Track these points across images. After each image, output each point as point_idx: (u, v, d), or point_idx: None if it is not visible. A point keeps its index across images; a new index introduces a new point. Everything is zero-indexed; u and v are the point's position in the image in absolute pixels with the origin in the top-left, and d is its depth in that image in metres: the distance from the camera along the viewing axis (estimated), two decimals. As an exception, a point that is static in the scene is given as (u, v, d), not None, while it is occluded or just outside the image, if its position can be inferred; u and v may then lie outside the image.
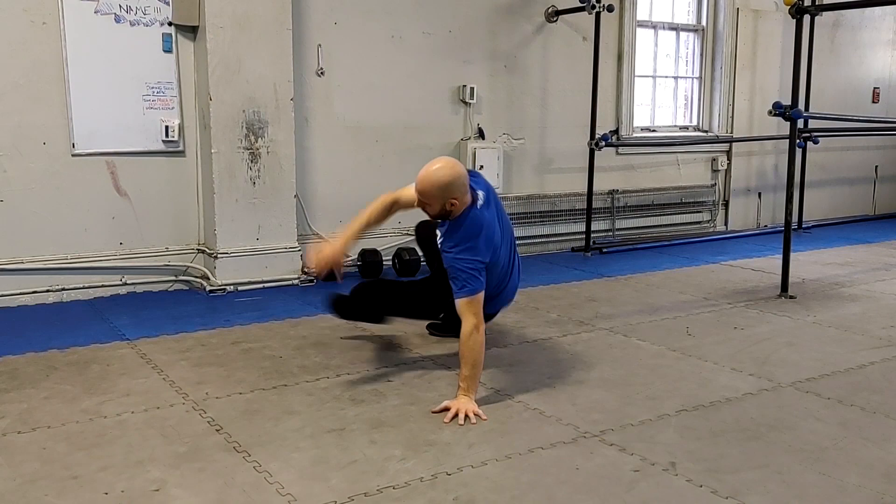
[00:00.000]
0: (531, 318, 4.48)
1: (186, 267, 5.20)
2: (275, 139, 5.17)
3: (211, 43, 4.89)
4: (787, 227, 5.17)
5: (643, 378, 3.49)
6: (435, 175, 3.13)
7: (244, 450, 2.72)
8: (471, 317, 3.11)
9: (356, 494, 2.40)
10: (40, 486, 2.45)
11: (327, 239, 3.17)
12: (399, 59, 5.81)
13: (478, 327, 3.11)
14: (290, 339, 4.05)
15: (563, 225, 6.75)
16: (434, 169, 3.14)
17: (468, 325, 3.11)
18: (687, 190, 7.50)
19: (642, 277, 5.62)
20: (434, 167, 3.15)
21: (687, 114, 7.73)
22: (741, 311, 4.67)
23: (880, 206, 9.14)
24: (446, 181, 3.11)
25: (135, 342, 3.97)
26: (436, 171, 3.14)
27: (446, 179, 3.11)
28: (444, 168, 3.14)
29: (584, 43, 6.60)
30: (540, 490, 2.45)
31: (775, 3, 7.73)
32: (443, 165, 3.15)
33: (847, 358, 3.80)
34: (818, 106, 7.40)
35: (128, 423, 2.94)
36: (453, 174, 3.14)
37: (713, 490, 2.46)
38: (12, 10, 4.53)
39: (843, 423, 2.99)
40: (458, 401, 3.07)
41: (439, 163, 3.17)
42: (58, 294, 4.80)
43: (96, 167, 4.87)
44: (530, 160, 6.59)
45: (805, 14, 5.05)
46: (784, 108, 5.00)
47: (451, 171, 3.14)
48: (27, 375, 3.46)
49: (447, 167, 3.15)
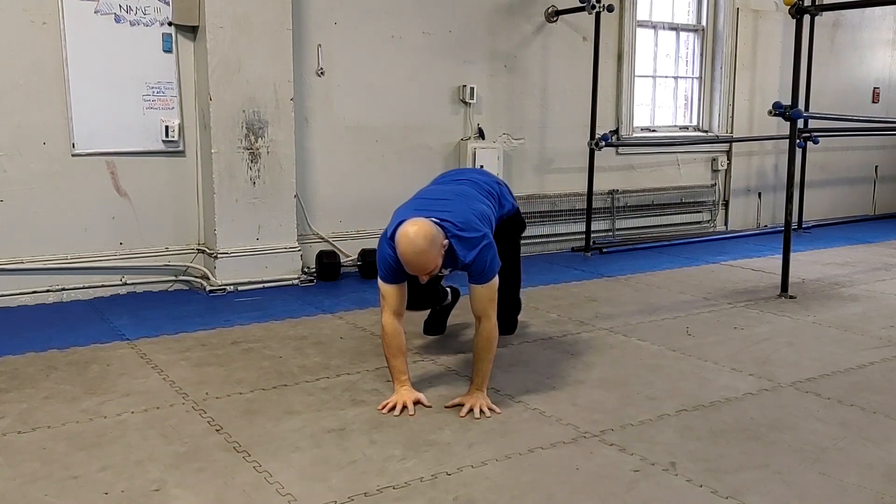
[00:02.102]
0: (531, 318, 4.48)
1: (186, 267, 5.20)
2: (275, 139, 5.17)
3: (211, 43, 4.89)
4: (787, 227, 5.17)
5: (643, 378, 3.49)
6: (419, 241, 2.91)
7: (244, 450, 2.72)
8: (492, 310, 3.12)
9: (356, 494, 2.40)
10: (40, 486, 2.45)
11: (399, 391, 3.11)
12: (399, 59, 5.81)
13: (496, 324, 3.14)
14: (290, 339, 4.05)
15: (563, 225, 6.75)
16: (413, 237, 2.91)
17: (492, 319, 3.11)
18: (687, 190, 7.50)
19: (642, 277, 5.62)
20: (411, 236, 2.91)
21: (687, 114, 7.73)
22: (741, 311, 4.67)
23: (880, 206, 9.14)
24: (430, 234, 2.93)
25: (135, 342, 3.97)
26: (415, 238, 2.91)
27: (428, 233, 2.93)
28: (418, 230, 2.93)
29: (584, 43, 6.60)
30: (540, 490, 2.45)
31: (775, 3, 7.73)
32: (416, 229, 2.93)
33: (847, 358, 3.79)
34: (818, 106, 7.40)
35: (128, 423, 2.94)
36: (426, 225, 2.96)
37: (713, 490, 2.45)
38: (12, 10, 4.53)
39: (843, 423, 2.99)
40: (472, 396, 3.09)
41: (411, 228, 2.93)
42: (58, 294, 4.80)
43: (96, 167, 4.87)
44: (530, 160, 6.59)
45: (805, 14, 5.04)
46: (784, 108, 5.00)
47: (423, 226, 2.95)
48: (27, 375, 3.46)
49: (418, 227, 2.94)
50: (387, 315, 3.16)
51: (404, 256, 2.94)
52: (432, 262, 2.97)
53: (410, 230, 2.93)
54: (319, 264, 5.48)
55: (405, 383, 3.16)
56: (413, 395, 3.12)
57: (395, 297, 3.15)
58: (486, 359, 3.11)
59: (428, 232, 2.94)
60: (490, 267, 3.10)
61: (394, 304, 3.15)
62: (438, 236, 2.98)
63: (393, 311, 3.16)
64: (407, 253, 2.93)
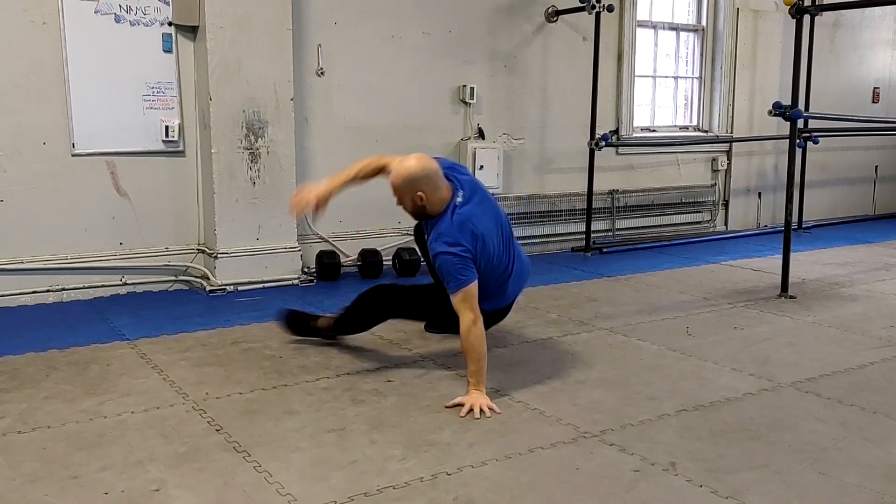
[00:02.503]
0: (531, 318, 4.48)
1: (186, 267, 5.20)
2: (275, 139, 5.17)
3: (211, 43, 4.89)
4: (787, 227, 5.17)
5: (643, 378, 3.49)
6: (402, 168, 3.23)
7: (244, 450, 2.72)
8: (467, 311, 3.13)
9: (356, 494, 2.41)
10: (40, 486, 2.45)
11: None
12: (399, 59, 5.81)
13: (475, 321, 3.12)
14: (290, 339, 4.05)
15: (563, 225, 6.75)
16: (403, 164, 3.24)
17: (466, 320, 3.12)
18: (687, 190, 7.50)
19: (642, 277, 5.62)
20: (404, 163, 3.25)
21: (687, 114, 7.73)
22: (741, 311, 4.67)
23: (880, 206, 9.14)
24: (411, 174, 3.21)
25: (135, 342, 3.97)
26: (404, 165, 3.24)
27: (412, 173, 3.21)
28: (411, 162, 3.24)
29: (584, 43, 6.60)
30: (540, 490, 2.45)
31: (775, 3, 7.73)
32: (413, 161, 3.24)
33: (847, 358, 3.79)
34: (818, 106, 7.40)
35: (128, 423, 2.94)
36: (420, 167, 3.22)
37: (713, 490, 2.46)
38: (12, 10, 4.53)
39: (843, 423, 2.99)
40: (470, 396, 3.09)
41: (410, 159, 3.25)
42: (58, 294, 4.80)
43: (96, 167, 4.87)
44: (530, 160, 6.59)
45: (805, 14, 5.04)
46: (784, 108, 5.00)
47: (417, 165, 3.23)
48: (27, 375, 3.46)
49: (415, 161, 3.24)
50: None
51: (392, 169, 3.27)
52: (400, 193, 3.27)
53: (412, 158, 3.25)
54: (319, 264, 5.48)
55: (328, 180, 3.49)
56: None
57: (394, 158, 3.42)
58: (471, 359, 3.11)
59: (414, 172, 3.20)
60: (449, 278, 3.16)
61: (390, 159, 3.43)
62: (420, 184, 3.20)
63: (385, 160, 3.45)
64: (394, 166, 3.27)
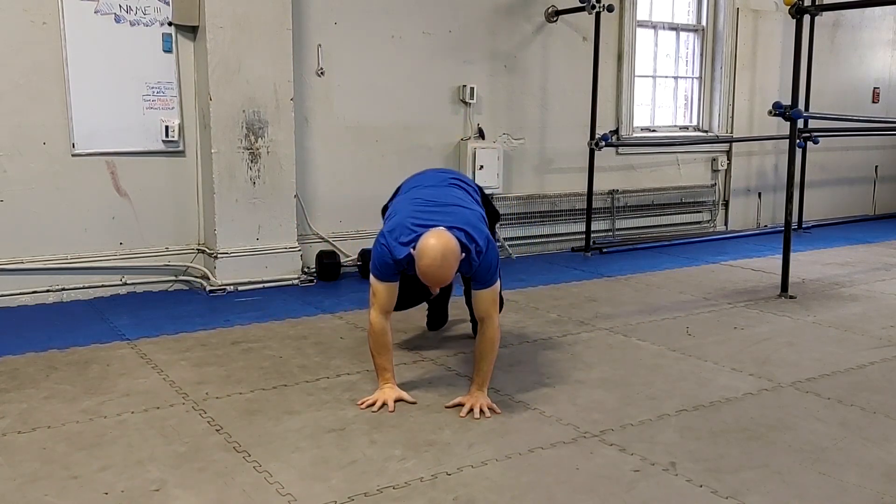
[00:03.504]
0: (531, 318, 4.48)
1: (186, 267, 5.20)
2: (275, 139, 5.17)
3: (211, 43, 4.89)
4: (787, 227, 5.17)
5: (643, 378, 3.49)
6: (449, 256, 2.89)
7: (244, 450, 2.72)
8: (494, 311, 3.14)
9: (356, 494, 2.40)
10: (40, 486, 2.45)
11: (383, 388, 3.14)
12: (399, 59, 5.81)
13: (498, 325, 3.16)
14: (290, 339, 4.05)
15: (563, 225, 6.75)
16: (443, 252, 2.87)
17: (495, 321, 3.13)
18: (687, 190, 7.50)
19: (642, 277, 5.62)
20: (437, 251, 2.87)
21: (687, 114, 7.73)
22: (741, 311, 4.67)
23: (880, 206, 9.14)
24: (456, 249, 2.93)
25: (135, 342, 3.97)
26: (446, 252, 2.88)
27: (455, 248, 2.92)
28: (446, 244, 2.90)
29: (584, 43, 6.60)
30: (540, 490, 2.45)
31: (775, 3, 7.73)
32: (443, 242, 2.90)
33: (847, 358, 3.79)
34: (818, 106, 7.40)
35: (128, 423, 2.94)
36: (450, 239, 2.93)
37: (713, 490, 2.45)
38: (12, 10, 4.53)
39: (843, 423, 2.99)
40: (472, 396, 3.10)
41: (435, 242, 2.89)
42: (58, 294, 4.80)
43: (96, 167, 4.87)
44: (530, 160, 6.59)
45: (805, 14, 5.04)
46: (784, 108, 5.00)
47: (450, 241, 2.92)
48: (27, 375, 3.46)
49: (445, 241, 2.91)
50: (375, 312, 3.15)
51: (428, 270, 2.89)
52: (452, 275, 2.96)
53: (435, 243, 2.88)
54: (319, 264, 5.48)
55: (389, 381, 3.18)
56: (395, 393, 3.14)
57: (387, 296, 3.15)
58: (489, 360, 3.13)
59: (452, 246, 2.91)
60: (494, 271, 3.12)
61: (384, 303, 3.15)
62: (458, 249, 2.94)
63: (382, 308, 3.15)
64: (432, 267, 2.88)
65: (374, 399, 3.12)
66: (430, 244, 2.90)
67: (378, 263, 3.13)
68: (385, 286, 3.13)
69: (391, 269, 3.11)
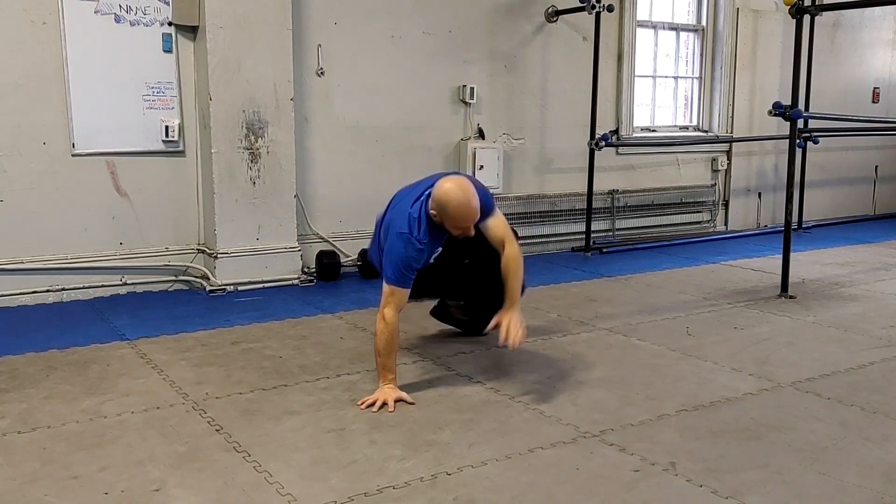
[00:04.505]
0: (531, 318, 4.47)
1: (186, 267, 5.20)
2: (275, 139, 5.17)
3: (211, 43, 4.89)
4: (787, 227, 5.16)
5: (643, 378, 3.49)
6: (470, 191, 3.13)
7: (244, 450, 2.72)
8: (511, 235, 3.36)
9: (356, 494, 2.40)
10: (40, 486, 2.45)
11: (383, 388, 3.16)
12: (399, 59, 5.81)
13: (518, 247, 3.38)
14: (290, 339, 4.05)
15: (563, 225, 6.75)
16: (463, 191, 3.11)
17: (514, 244, 3.34)
18: (687, 190, 7.50)
19: (642, 277, 5.62)
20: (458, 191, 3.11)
21: (687, 114, 7.73)
22: (741, 311, 4.67)
23: (880, 206, 9.14)
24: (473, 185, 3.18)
25: (135, 342, 3.97)
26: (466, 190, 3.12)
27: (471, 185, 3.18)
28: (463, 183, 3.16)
29: (584, 43, 6.60)
30: (540, 490, 2.45)
31: (775, 3, 7.73)
32: (460, 183, 3.15)
33: (847, 358, 3.79)
34: (818, 106, 7.39)
35: (128, 423, 2.94)
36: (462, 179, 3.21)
37: (713, 490, 2.45)
38: (12, 10, 4.53)
39: (843, 423, 2.99)
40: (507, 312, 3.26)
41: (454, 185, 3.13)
42: (58, 294, 4.80)
43: (96, 167, 4.87)
44: (530, 160, 6.59)
45: (805, 14, 5.04)
46: (784, 108, 5.00)
47: (465, 180, 3.20)
48: (27, 375, 3.46)
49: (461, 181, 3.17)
50: (391, 311, 3.17)
51: (459, 208, 3.08)
52: (478, 207, 3.15)
53: (451, 185, 3.11)
54: (319, 264, 5.48)
55: (390, 381, 3.19)
56: (396, 393, 3.15)
57: (404, 297, 3.20)
58: (517, 276, 3.28)
59: (462, 179, 3.19)
60: (491, 200, 3.33)
61: (401, 302, 3.20)
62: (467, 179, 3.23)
63: (398, 307, 3.19)
64: (462, 202, 3.08)
65: (373, 399, 3.12)
66: (445, 188, 3.13)
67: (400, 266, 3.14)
68: (403, 290, 3.19)
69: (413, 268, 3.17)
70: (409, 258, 3.14)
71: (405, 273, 3.15)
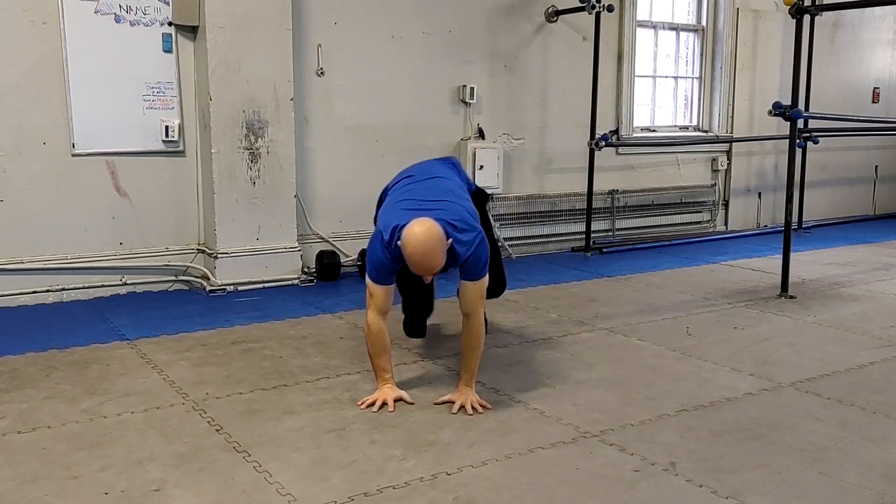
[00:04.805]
0: (531, 318, 4.48)
1: (186, 267, 5.20)
2: (275, 139, 5.17)
3: (211, 43, 4.89)
4: (787, 227, 5.17)
5: (643, 378, 3.49)
6: (432, 241, 2.91)
7: (244, 450, 2.72)
8: (481, 306, 3.15)
9: (356, 494, 2.40)
10: (40, 486, 2.45)
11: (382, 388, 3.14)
12: (399, 59, 5.81)
13: (483, 320, 3.17)
14: (290, 339, 4.05)
15: (563, 225, 6.75)
16: (425, 238, 2.90)
17: (480, 316, 3.14)
18: (687, 190, 7.50)
19: (642, 277, 5.62)
20: (421, 238, 2.89)
21: (687, 114, 7.73)
22: (741, 311, 4.67)
23: (880, 206, 9.14)
24: (440, 234, 2.93)
25: (135, 342, 3.97)
26: (428, 238, 2.90)
27: (438, 233, 2.93)
28: (427, 230, 2.92)
29: (584, 43, 6.60)
30: (540, 490, 2.45)
31: (775, 3, 7.73)
32: (425, 229, 2.91)
33: (847, 358, 3.79)
34: (818, 106, 7.40)
35: (128, 423, 2.94)
36: (434, 225, 2.94)
37: (713, 490, 2.45)
38: (12, 10, 4.53)
39: (843, 423, 2.99)
40: (461, 393, 3.12)
41: (419, 228, 2.91)
42: (58, 294, 4.80)
43: (96, 167, 4.87)
44: (530, 160, 6.59)
45: (805, 14, 5.04)
46: (784, 108, 5.00)
47: (433, 227, 2.93)
48: (27, 375, 3.46)
49: (427, 227, 2.92)
50: (373, 314, 3.16)
51: (414, 257, 2.92)
52: (440, 262, 2.97)
53: (419, 230, 2.91)
54: (319, 264, 5.48)
55: (388, 381, 3.18)
56: (395, 392, 3.15)
57: (384, 298, 3.16)
58: (475, 355, 3.14)
59: (436, 232, 2.94)
60: (484, 265, 3.11)
61: (381, 304, 3.16)
62: (443, 236, 2.97)
63: (379, 310, 3.16)
64: (417, 253, 2.91)
65: (373, 399, 3.12)
66: (413, 232, 2.93)
67: (374, 266, 3.13)
68: (383, 289, 3.14)
69: (387, 271, 3.11)
70: (381, 260, 3.09)
71: (380, 272, 3.12)
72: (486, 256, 3.11)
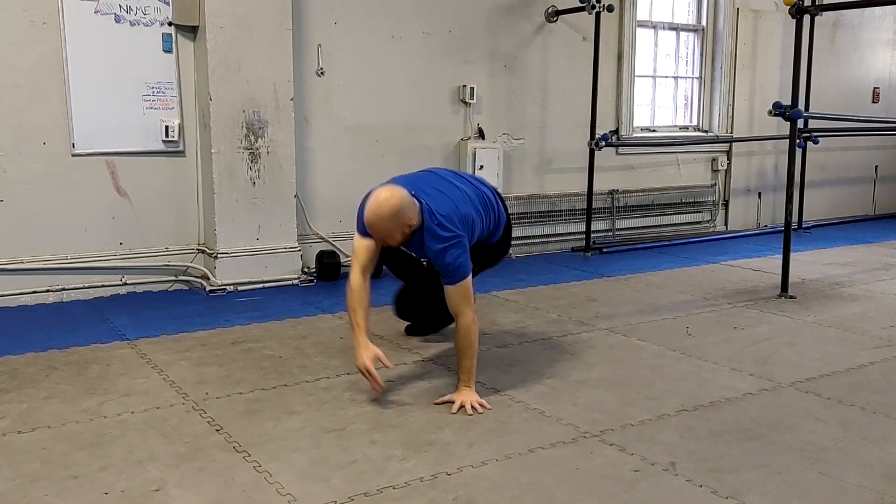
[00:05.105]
0: (531, 318, 4.48)
1: (186, 267, 5.20)
2: (275, 139, 5.17)
3: (211, 43, 4.89)
4: (787, 227, 5.17)
5: (643, 378, 3.49)
6: (384, 208, 3.03)
7: (244, 450, 2.72)
8: (467, 307, 3.14)
9: (356, 494, 2.40)
10: (40, 486, 2.45)
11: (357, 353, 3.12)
12: (399, 59, 5.81)
13: (474, 318, 3.16)
14: (290, 339, 4.05)
15: (563, 225, 6.75)
16: (381, 202, 3.04)
17: (467, 316, 3.13)
18: (687, 190, 7.50)
19: (642, 277, 5.62)
20: (380, 200, 3.04)
21: (687, 114, 7.73)
22: (741, 311, 4.67)
23: (880, 206, 9.14)
24: (397, 207, 3.03)
25: (135, 342, 3.97)
26: (382, 203, 3.03)
27: (396, 206, 3.03)
28: (389, 198, 3.04)
29: (584, 43, 6.60)
30: (540, 490, 2.45)
31: (775, 3, 7.73)
32: (388, 196, 3.05)
33: (847, 358, 3.79)
34: (818, 106, 7.40)
35: (128, 423, 2.94)
36: (399, 199, 3.05)
37: (713, 490, 2.46)
38: (12, 10, 4.53)
39: (843, 423, 2.99)
40: (460, 393, 3.12)
41: (382, 194, 3.06)
42: (58, 294, 4.80)
43: (96, 167, 4.87)
44: (530, 160, 6.59)
45: (805, 14, 5.04)
46: (784, 108, 5.00)
47: (396, 197, 3.04)
48: (27, 375, 3.46)
49: (391, 195, 3.05)
50: (355, 271, 3.21)
51: (366, 216, 3.08)
52: (389, 235, 3.10)
53: (382, 195, 3.06)
54: (319, 264, 5.48)
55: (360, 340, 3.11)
56: (370, 352, 3.09)
57: (365, 252, 3.22)
58: (468, 355, 3.14)
59: (396, 204, 3.04)
60: (456, 268, 3.11)
61: (363, 259, 3.21)
62: (406, 213, 3.06)
63: (361, 266, 3.20)
64: (369, 215, 3.07)
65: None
66: (378, 194, 3.09)
67: (359, 215, 3.22)
68: (365, 242, 3.21)
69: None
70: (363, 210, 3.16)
71: (360, 220, 3.19)
72: (458, 264, 3.11)
